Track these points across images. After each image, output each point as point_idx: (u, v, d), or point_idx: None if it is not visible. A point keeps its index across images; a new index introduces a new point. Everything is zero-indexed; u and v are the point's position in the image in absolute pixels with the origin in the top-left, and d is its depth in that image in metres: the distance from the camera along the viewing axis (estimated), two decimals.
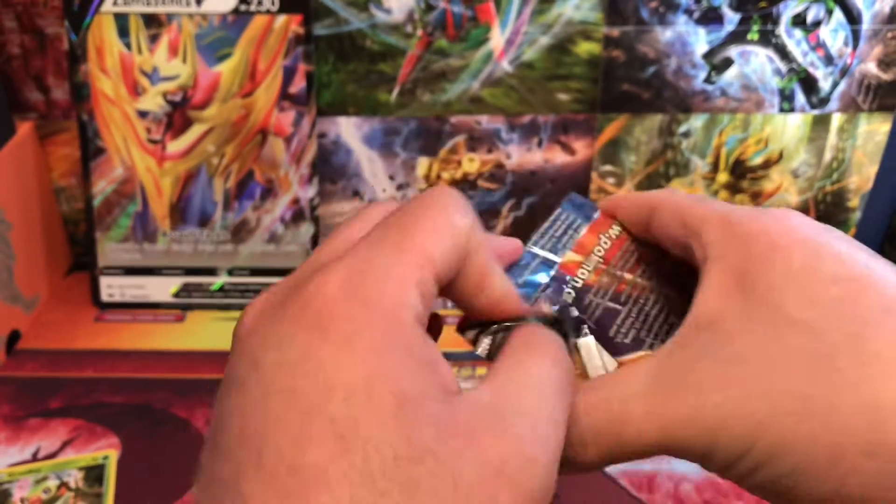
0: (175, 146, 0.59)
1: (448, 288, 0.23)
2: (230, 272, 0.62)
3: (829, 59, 0.60)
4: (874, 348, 0.21)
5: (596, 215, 0.31)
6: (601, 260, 0.29)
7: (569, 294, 0.28)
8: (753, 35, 0.59)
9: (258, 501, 0.17)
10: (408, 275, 0.20)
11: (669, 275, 0.29)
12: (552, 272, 0.28)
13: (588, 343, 0.27)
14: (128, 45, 0.57)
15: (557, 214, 0.30)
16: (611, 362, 0.27)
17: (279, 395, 0.18)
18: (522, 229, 0.65)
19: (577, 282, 0.28)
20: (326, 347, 0.18)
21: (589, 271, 0.29)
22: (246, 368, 0.19)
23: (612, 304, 0.28)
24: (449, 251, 0.21)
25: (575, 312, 0.27)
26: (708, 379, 0.22)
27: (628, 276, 0.29)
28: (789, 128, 0.62)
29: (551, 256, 0.29)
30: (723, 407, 0.22)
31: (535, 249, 0.29)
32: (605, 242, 0.30)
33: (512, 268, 0.28)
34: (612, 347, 0.27)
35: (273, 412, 0.18)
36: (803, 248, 0.23)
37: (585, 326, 0.27)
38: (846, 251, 0.23)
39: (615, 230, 0.30)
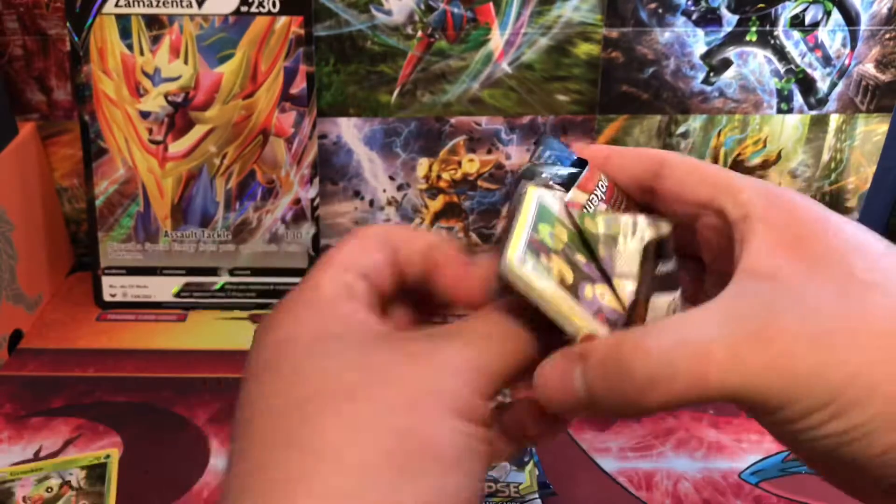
0: (177, 147, 0.60)
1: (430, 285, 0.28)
2: (231, 272, 0.63)
3: (827, 60, 0.60)
4: None
5: (585, 171, 0.29)
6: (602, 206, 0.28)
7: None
8: (752, 36, 0.59)
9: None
10: (334, 275, 0.27)
11: None
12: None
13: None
14: (129, 47, 0.57)
15: (541, 152, 0.29)
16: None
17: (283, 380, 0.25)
18: None
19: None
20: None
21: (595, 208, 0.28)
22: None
23: None
24: (378, 256, 0.28)
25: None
26: (791, 330, 0.22)
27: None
28: (787, 128, 0.62)
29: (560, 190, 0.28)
30: (813, 356, 0.22)
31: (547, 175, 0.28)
32: (599, 192, 0.28)
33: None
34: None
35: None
36: (848, 223, 0.25)
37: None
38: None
39: (604, 181, 0.29)
